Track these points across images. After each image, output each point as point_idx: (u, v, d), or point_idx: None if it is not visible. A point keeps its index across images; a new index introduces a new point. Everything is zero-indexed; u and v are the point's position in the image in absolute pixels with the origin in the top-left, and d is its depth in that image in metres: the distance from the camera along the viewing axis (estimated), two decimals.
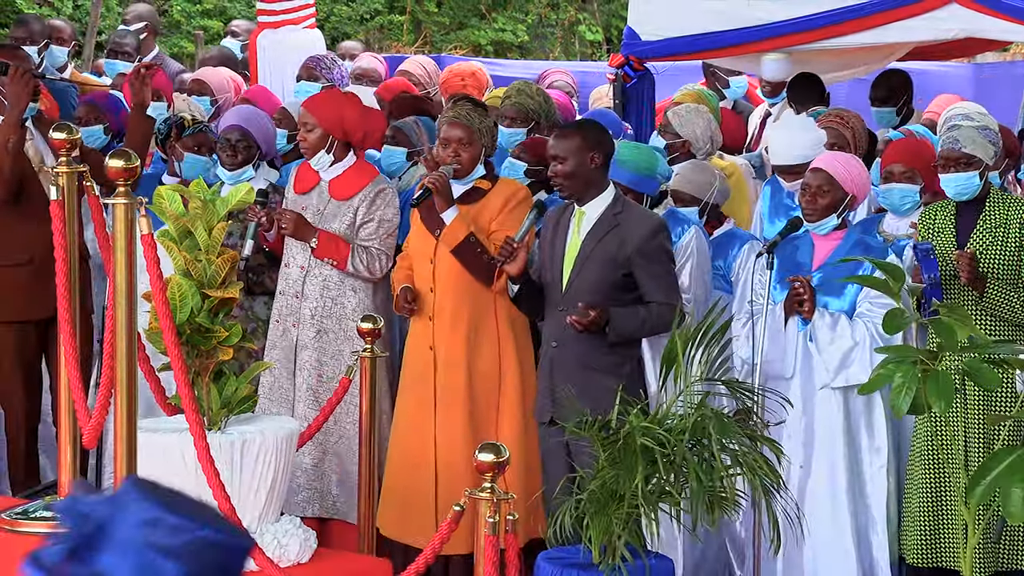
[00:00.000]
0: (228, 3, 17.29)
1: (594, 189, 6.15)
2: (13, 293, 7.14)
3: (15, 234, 7.14)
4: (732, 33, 8.32)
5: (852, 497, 6.30)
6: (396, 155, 7.63)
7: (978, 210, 6.30)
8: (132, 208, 4.98)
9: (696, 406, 5.22)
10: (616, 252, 6.07)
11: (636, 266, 6.07)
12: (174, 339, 5.19)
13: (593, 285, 6.07)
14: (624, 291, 6.09)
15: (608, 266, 6.08)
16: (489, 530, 4.83)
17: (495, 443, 4.93)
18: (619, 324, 6.01)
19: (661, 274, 6.08)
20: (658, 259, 6.09)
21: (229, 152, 7.13)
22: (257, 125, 7.23)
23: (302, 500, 6.67)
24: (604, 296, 6.05)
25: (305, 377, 6.70)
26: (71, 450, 5.78)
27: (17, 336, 7.16)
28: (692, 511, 5.14)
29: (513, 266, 6.10)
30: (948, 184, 6.32)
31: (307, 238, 6.64)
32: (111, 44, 10.13)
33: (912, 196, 6.83)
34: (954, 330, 4.99)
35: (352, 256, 6.66)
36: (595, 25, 18.34)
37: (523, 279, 6.15)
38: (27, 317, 7.13)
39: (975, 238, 6.25)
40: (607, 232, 6.10)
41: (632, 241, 6.07)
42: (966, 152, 6.29)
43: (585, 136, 6.14)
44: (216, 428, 5.52)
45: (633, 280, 6.09)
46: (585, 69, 12.09)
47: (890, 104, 8.65)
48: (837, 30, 8.15)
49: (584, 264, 6.10)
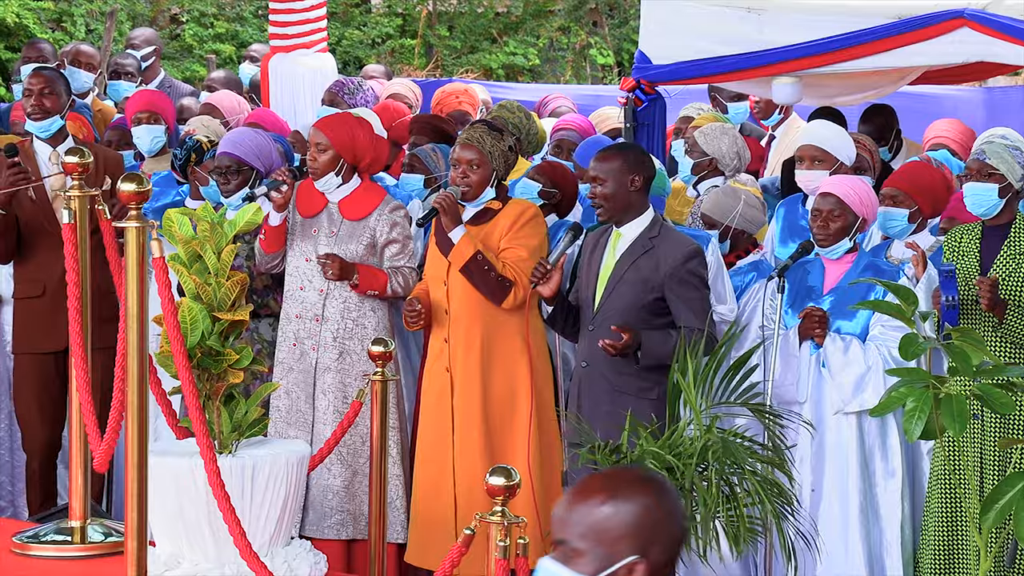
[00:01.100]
0: (240, 27, 17.33)
1: (632, 212, 6.16)
2: (29, 325, 7.16)
3: (29, 268, 7.17)
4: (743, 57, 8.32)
5: (865, 521, 6.29)
6: (413, 182, 7.64)
7: (1003, 235, 6.30)
8: (144, 232, 4.99)
9: (706, 430, 5.20)
10: (649, 275, 6.07)
11: (668, 290, 6.07)
12: (185, 362, 5.19)
13: (624, 307, 6.07)
14: (655, 315, 6.08)
15: (640, 288, 6.08)
16: (500, 553, 4.82)
17: (506, 467, 4.93)
18: (650, 348, 6.00)
19: (693, 299, 6.06)
20: (690, 284, 6.08)
21: (221, 180, 7.15)
22: (249, 147, 7.18)
23: (335, 523, 6.68)
24: (634, 318, 6.05)
25: (331, 399, 6.70)
26: (82, 474, 5.79)
27: (37, 367, 7.18)
28: (703, 536, 5.13)
29: (546, 287, 6.11)
30: (967, 193, 6.36)
31: (349, 276, 6.67)
32: (113, 66, 10.17)
33: (898, 219, 6.76)
34: (968, 354, 4.98)
35: (390, 281, 6.70)
36: (606, 49, 18.36)
37: (557, 300, 6.15)
38: (43, 349, 7.15)
39: (999, 263, 6.24)
40: (641, 255, 6.11)
41: (665, 265, 6.07)
42: (988, 164, 6.33)
43: (626, 159, 6.16)
44: (227, 451, 5.52)
45: (664, 304, 6.08)
46: (596, 93, 12.11)
47: (880, 143, 8.62)
48: (848, 54, 8.14)
49: (616, 286, 6.11)
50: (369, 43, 17.89)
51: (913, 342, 5.12)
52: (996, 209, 6.31)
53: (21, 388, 7.25)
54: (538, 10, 18.36)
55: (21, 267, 7.25)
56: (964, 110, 10.41)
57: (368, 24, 18.10)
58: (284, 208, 6.73)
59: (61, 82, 7.32)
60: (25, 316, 7.20)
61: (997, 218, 6.35)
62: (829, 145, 7.20)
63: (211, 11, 17.31)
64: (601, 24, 18.70)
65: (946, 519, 6.17)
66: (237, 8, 17.53)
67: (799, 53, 8.27)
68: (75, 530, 5.86)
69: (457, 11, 18.43)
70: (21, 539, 5.85)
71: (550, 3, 18.43)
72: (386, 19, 18.23)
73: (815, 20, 8.22)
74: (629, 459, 5.20)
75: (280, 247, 6.79)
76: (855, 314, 6.29)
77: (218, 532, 5.31)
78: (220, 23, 17.27)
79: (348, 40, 17.66)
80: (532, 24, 18.34)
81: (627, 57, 17.67)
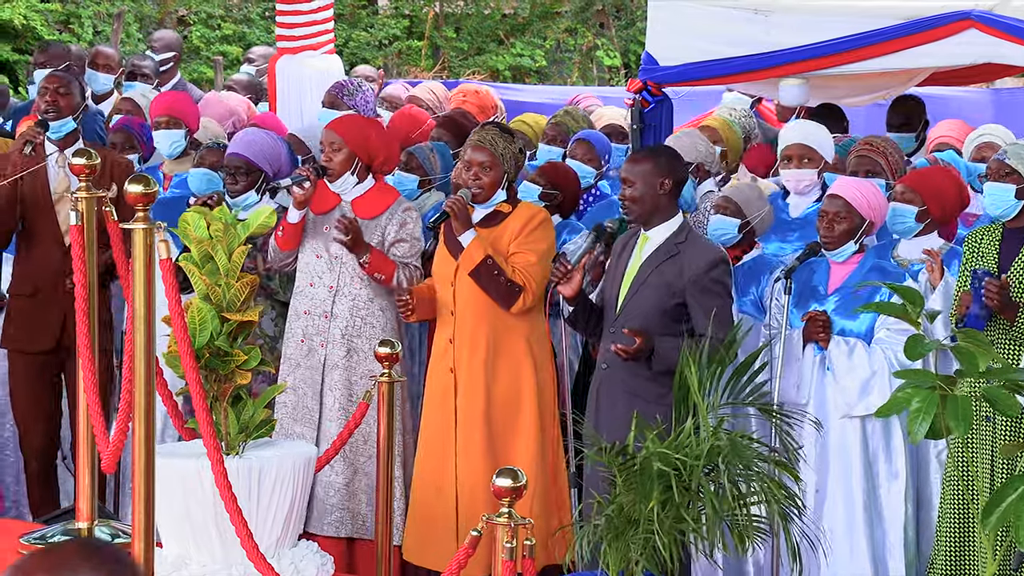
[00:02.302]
0: (247, 29, 17.35)
1: (660, 215, 6.14)
2: (18, 323, 7.19)
3: (24, 266, 7.20)
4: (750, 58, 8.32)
5: (869, 522, 6.28)
6: (407, 182, 7.64)
7: (1022, 237, 6.29)
8: (151, 233, 4.99)
9: (712, 431, 5.20)
10: (673, 280, 6.04)
11: (690, 296, 6.03)
12: (192, 363, 5.19)
13: (646, 310, 6.05)
14: (675, 320, 6.04)
15: (663, 293, 6.05)
16: (506, 555, 4.82)
17: (513, 468, 4.93)
18: (663, 354, 5.97)
19: (713, 308, 5.99)
20: (712, 292, 6.03)
21: (229, 180, 7.18)
22: (259, 149, 7.22)
23: (335, 520, 6.70)
24: (656, 323, 6.02)
25: (337, 397, 6.73)
26: (89, 475, 5.79)
27: (29, 365, 7.20)
28: (708, 537, 5.13)
29: (567, 288, 6.10)
30: (986, 193, 6.36)
31: (360, 252, 6.68)
32: (130, 67, 10.16)
33: (906, 216, 6.73)
34: (976, 356, 4.97)
35: (397, 271, 6.71)
36: (613, 50, 18.36)
37: (579, 300, 6.15)
38: (31, 348, 7.18)
39: (1017, 265, 6.22)
40: (666, 259, 6.09)
41: (689, 271, 6.04)
42: (1007, 163, 6.33)
43: (657, 162, 6.15)
44: (234, 453, 5.53)
45: (686, 310, 6.06)
46: (603, 94, 12.09)
47: (907, 130, 8.65)
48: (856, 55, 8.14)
49: (640, 289, 6.09)
50: (376, 45, 17.91)
51: (919, 342, 5.12)
52: (1014, 210, 6.30)
53: (15, 388, 7.28)
54: (545, 12, 18.38)
55: (18, 265, 7.29)
56: (971, 111, 10.40)
57: (375, 26, 18.12)
58: (304, 206, 6.76)
59: (76, 85, 7.33)
60: (15, 313, 7.23)
61: (1017, 220, 6.33)
62: (815, 142, 7.22)
63: (218, 13, 17.34)
64: (608, 25, 18.71)
65: (957, 521, 6.16)
66: (244, 10, 17.55)
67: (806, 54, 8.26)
68: (82, 531, 5.86)
69: (464, 13, 18.45)
70: (28, 540, 5.86)
71: (557, 5, 18.44)
72: (393, 20, 18.25)
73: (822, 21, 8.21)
74: (636, 461, 5.20)
75: (296, 245, 6.81)
76: (859, 315, 6.29)
77: (225, 533, 5.32)
78: (227, 25, 17.30)
79: (355, 42, 17.68)
80: (539, 26, 18.35)
81: (634, 58, 17.67)
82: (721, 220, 6.92)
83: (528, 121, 8.83)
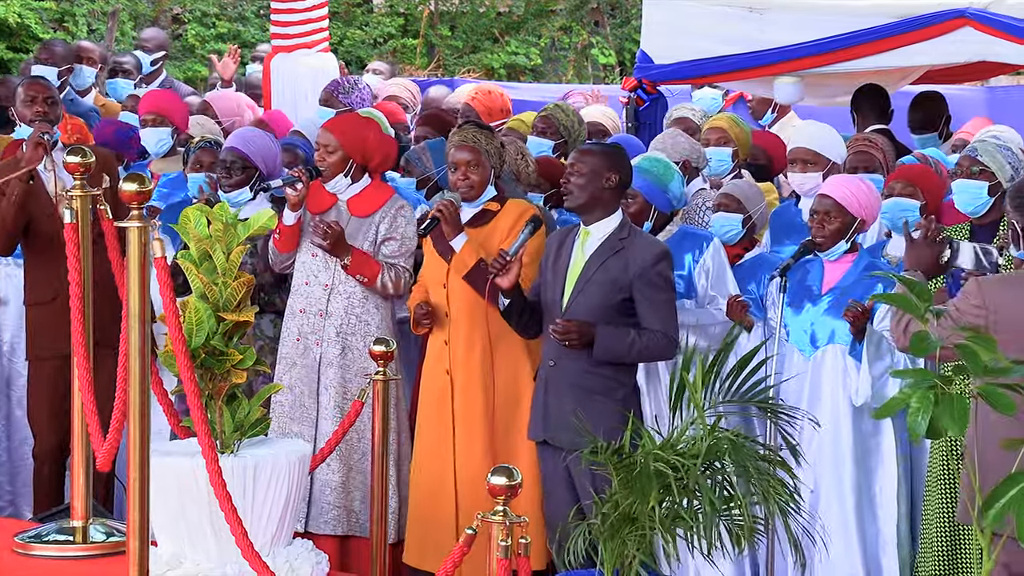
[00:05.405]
0: (242, 27, 17.34)
1: (602, 210, 6.15)
2: (40, 330, 7.15)
3: (39, 274, 7.16)
4: (744, 57, 8.34)
5: (862, 520, 6.29)
6: (407, 187, 7.63)
7: (992, 234, 6.30)
8: (145, 232, 4.99)
9: (709, 429, 5.20)
10: (619, 275, 6.07)
11: (636, 291, 6.07)
12: (188, 362, 5.19)
13: (593, 307, 6.07)
14: (623, 315, 6.08)
15: (609, 289, 6.08)
16: (501, 553, 4.82)
17: (507, 466, 4.93)
18: (605, 341, 6.01)
19: (659, 302, 6.06)
20: (658, 287, 6.08)
21: (224, 174, 7.18)
22: (256, 147, 7.23)
23: (331, 519, 6.68)
24: (603, 318, 6.06)
25: (332, 395, 6.72)
26: (84, 473, 5.79)
27: (47, 370, 7.16)
28: (706, 536, 5.12)
29: (505, 280, 6.10)
30: (956, 190, 6.36)
31: (342, 254, 6.67)
32: (111, 64, 10.16)
33: (912, 210, 6.74)
34: (978, 354, 4.96)
35: (382, 273, 6.70)
36: (608, 49, 18.36)
37: (514, 294, 6.15)
38: (52, 353, 7.13)
39: None
40: (611, 255, 6.10)
41: (634, 266, 6.07)
42: (980, 161, 6.34)
43: (607, 156, 6.16)
44: (229, 451, 5.53)
45: (632, 304, 6.09)
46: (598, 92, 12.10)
47: (929, 129, 8.61)
48: (850, 53, 8.16)
49: (585, 285, 6.10)
50: (371, 43, 17.89)
51: (925, 339, 5.11)
52: (985, 207, 6.32)
53: (33, 393, 7.22)
54: (540, 10, 18.36)
55: (31, 272, 7.23)
56: (966, 109, 10.40)
57: (370, 24, 18.10)
58: (299, 207, 6.75)
59: (56, 92, 7.37)
60: (40, 322, 7.17)
61: (985, 217, 6.35)
62: (819, 146, 7.20)
63: (213, 11, 17.32)
64: (603, 24, 18.71)
65: (946, 518, 6.16)
66: (239, 8, 17.54)
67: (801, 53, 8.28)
68: (77, 530, 5.86)
69: (459, 11, 18.44)
70: (23, 539, 5.85)
71: (552, 3, 18.44)
72: (388, 19, 18.24)
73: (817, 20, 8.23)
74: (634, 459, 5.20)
75: (294, 246, 6.80)
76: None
77: (220, 532, 5.32)
78: (222, 23, 17.28)
79: (350, 40, 17.66)
80: (534, 24, 18.34)
81: (629, 57, 17.67)
82: (725, 217, 6.93)
83: (524, 119, 8.84)
